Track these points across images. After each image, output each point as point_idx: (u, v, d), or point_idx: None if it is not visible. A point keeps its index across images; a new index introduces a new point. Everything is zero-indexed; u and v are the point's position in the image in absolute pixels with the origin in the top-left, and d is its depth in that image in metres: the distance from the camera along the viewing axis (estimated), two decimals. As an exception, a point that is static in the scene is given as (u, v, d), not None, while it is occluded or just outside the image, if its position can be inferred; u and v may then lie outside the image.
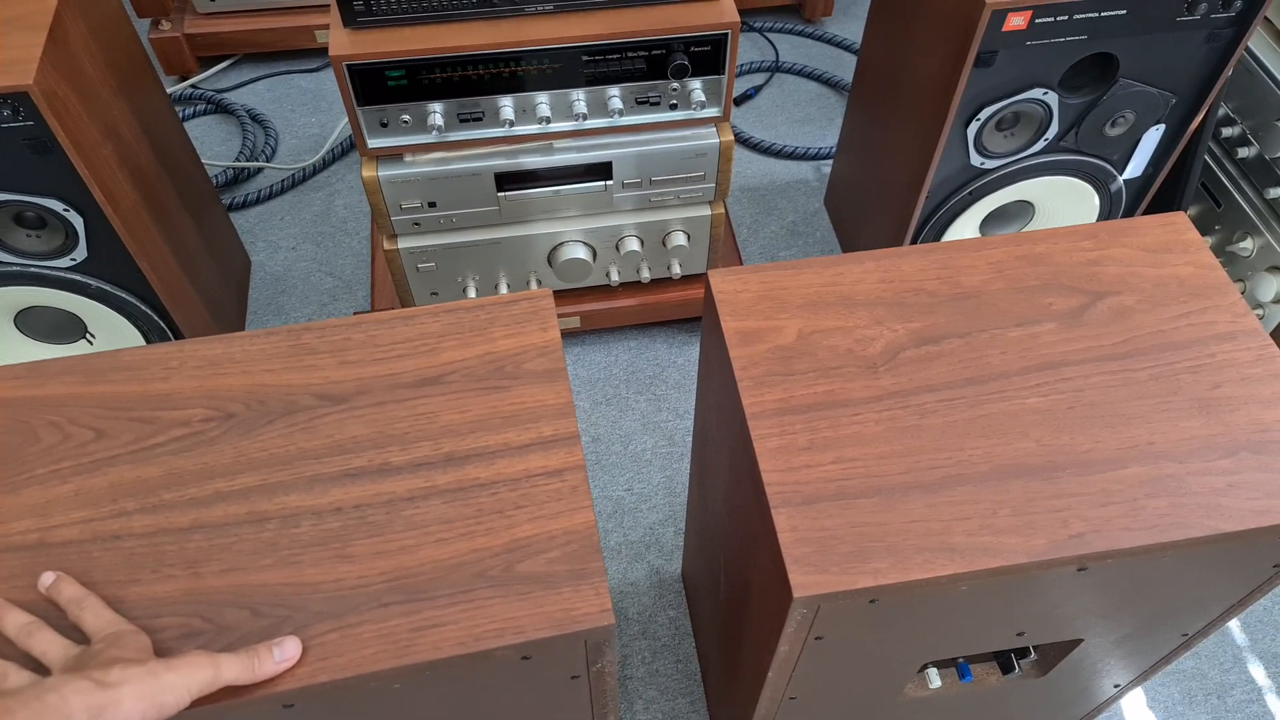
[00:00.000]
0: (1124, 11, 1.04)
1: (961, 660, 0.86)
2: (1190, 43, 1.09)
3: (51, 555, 0.59)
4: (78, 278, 1.10)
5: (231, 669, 0.52)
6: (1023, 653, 0.85)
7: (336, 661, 0.55)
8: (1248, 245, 1.31)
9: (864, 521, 0.61)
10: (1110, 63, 1.11)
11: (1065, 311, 0.71)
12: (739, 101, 1.81)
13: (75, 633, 0.55)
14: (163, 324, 1.18)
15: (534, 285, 1.33)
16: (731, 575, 0.83)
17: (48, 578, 0.57)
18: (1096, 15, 1.04)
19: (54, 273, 1.09)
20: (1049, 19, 1.03)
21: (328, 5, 1.72)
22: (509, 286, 1.31)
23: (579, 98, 1.10)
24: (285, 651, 0.54)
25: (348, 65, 1.02)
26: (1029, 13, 1.02)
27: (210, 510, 0.61)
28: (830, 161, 1.71)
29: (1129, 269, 0.73)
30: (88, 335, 1.20)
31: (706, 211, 1.27)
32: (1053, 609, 0.70)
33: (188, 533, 0.60)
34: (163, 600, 0.57)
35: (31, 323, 1.19)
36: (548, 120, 1.10)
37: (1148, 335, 0.70)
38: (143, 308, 1.15)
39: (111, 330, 1.18)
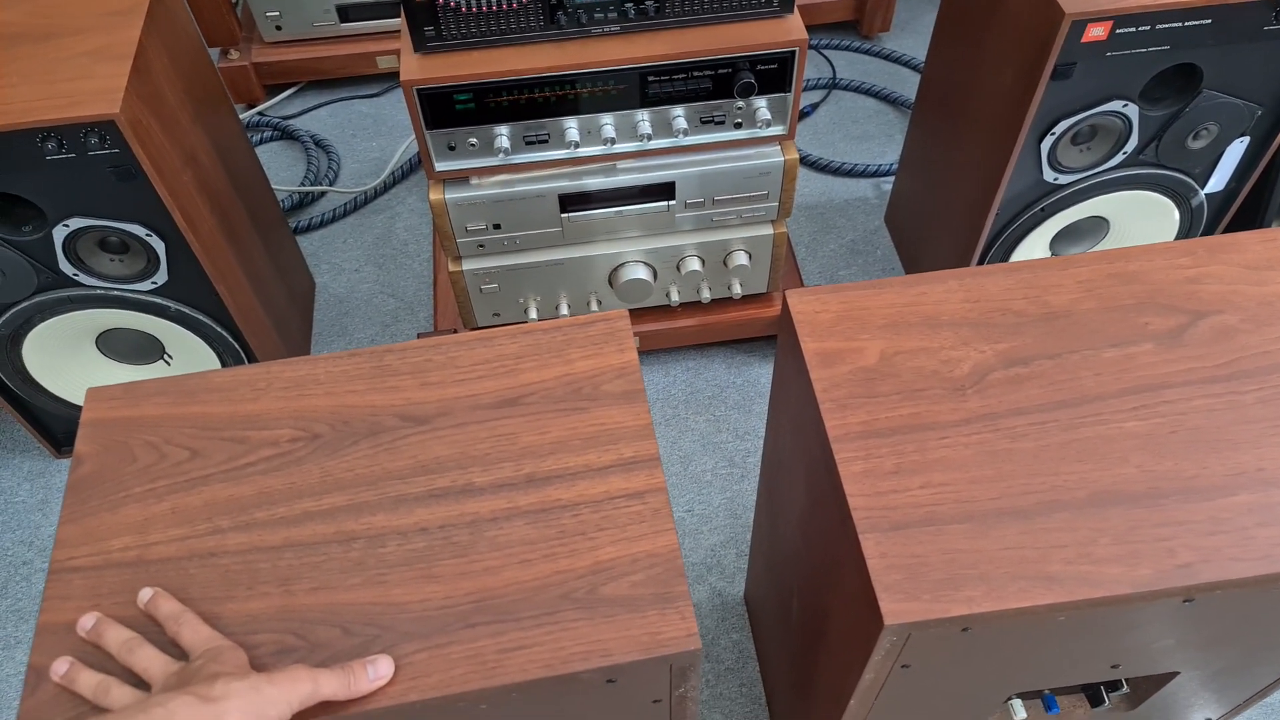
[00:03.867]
0: (1209, 21, 1.01)
1: (1048, 692, 0.83)
2: (1277, 53, 1.06)
3: (150, 572, 0.60)
4: (158, 300, 1.13)
5: (329, 684, 0.53)
6: (1113, 685, 0.82)
7: (426, 681, 0.55)
8: (1334, 261, 1.27)
9: (956, 548, 0.59)
10: (1193, 73, 1.08)
11: (1163, 331, 0.69)
12: (797, 120, 1.80)
13: (173, 648, 0.56)
14: (236, 345, 1.21)
15: (594, 306, 1.33)
16: (806, 600, 0.82)
17: (146, 593, 0.58)
18: (1180, 25, 1.01)
19: (136, 296, 1.12)
20: (1130, 29, 1.01)
21: (387, 32, 1.77)
22: (570, 307, 1.32)
23: (644, 118, 1.10)
24: (379, 670, 0.54)
25: (418, 89, 1.03)
26: (1109, 23, 1.00)
27: (300, 529, 0.61)
28: (891, 179, 1.70)
29: (1230, 287, 0.71)
30: (165, 356, 1.23)
31: (769, 231, 1.26)
32: (1151, 641, 0.67)
33: (279, 551, 0.60)
34: (257, 617, 0.58)
35: (112, 344, 1.22)
36: (612, 141, 1.10)
37: (1253, 356, 0.67)
38: (218, 329, 1.18)
39: (188, 351, 1.20)
